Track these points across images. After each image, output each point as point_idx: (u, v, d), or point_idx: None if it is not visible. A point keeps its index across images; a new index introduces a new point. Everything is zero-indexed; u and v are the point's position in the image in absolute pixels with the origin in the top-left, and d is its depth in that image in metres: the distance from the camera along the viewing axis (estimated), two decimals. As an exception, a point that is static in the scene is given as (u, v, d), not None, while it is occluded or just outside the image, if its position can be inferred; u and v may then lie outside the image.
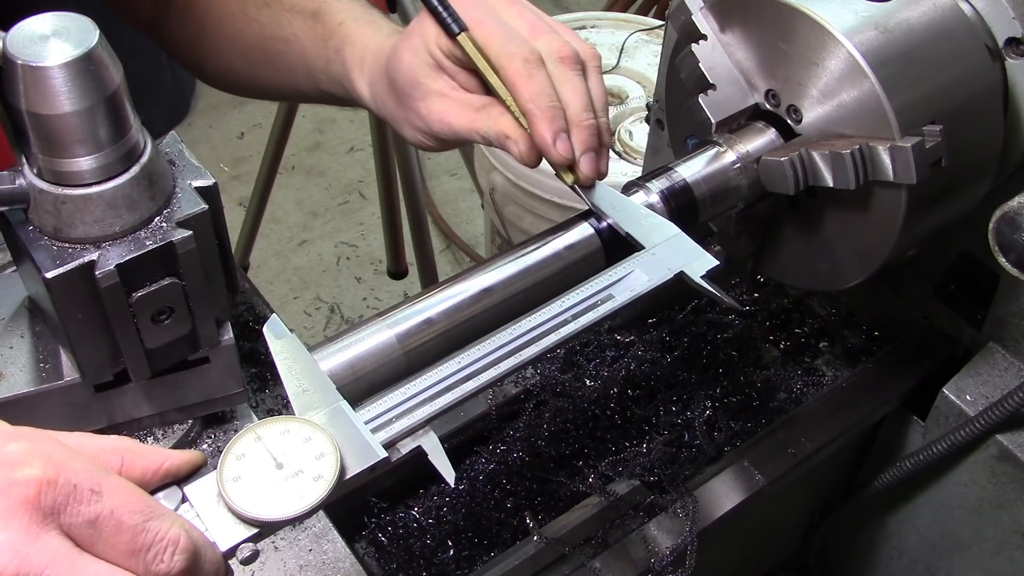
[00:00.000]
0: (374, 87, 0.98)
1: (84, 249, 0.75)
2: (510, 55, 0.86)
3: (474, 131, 0.90)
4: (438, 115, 0.91)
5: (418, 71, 0.92)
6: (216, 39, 1.13)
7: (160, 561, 0.57)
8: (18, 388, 0.85)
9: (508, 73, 0.86)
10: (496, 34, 0.88)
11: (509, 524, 1.02)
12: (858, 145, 0.84)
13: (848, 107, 0.86)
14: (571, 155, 0.86)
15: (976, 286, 1.12)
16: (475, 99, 0.90)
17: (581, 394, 1.10)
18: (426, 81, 0.92)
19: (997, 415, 1.03)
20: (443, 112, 0.91)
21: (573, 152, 0.86)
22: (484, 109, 0.89)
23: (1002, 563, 1.16)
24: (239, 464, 0.64)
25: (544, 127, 0.85)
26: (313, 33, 1.03)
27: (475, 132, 0.90)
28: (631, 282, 0.81)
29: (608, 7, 2.91)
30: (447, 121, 0.91)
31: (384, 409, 0.71)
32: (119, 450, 0.62)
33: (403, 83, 0.93)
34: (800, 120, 0.90)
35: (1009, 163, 0.95)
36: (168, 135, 0.84)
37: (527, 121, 0.86)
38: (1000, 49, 0.91)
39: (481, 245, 2.89)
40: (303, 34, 1.04)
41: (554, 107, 0.85)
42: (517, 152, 0.88)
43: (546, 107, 0.85)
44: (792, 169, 0.87)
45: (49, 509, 0.55)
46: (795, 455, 1.06)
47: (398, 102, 0.95)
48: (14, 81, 0.70)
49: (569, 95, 0.86)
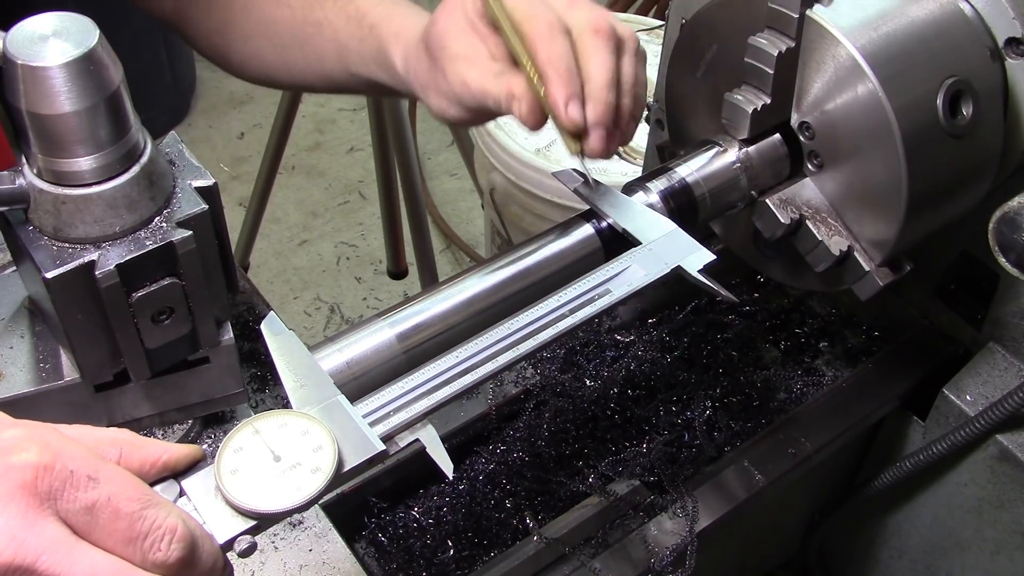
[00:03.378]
0: (407, 56, 0.98)
1: (84, 249, 0.75)
2: (534, 16, 0.85)
3: (485, 92, 0.88)
4: (460, 76, 0.90)
5: (450, 32, 0.91)
6: (244, 26, 1.13)
7: (157, 549, 0.57)
8: (18, 388, 0.85)
9: (530, 34, 0.85)
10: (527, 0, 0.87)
11: (509, 524, 1.02)
12: (848, 245, 0.91)
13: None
14: (581, 121, 0.84)
15: (976, 286, 1.12)
16: (497, 66, 0.89)
17: (581, 394, 1.10)
18: (454, 43, 0.91)
19: (997, 415, 1.03)
20: (464, 73, 0.90)
21: (584, 120, 0.84)
22: (502, 75, 0.88)
23: (1002, 563, 1.16)
24: (237, 457, 0.64)
25: (558, 88, 0.83)
26: (346, 13, 1.04)
27: (487, 94, 0.88)
28: (628, 277, 0.81)
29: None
30: (465, 81, 0.90)
31: (382, 403, 0.71)
32: (118, 442, 0.62)
33: (435, 46, 0.92)
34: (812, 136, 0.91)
35: (1009, 163, 0.95)
36: (168, 135, 0.84)
37: (543, 82, 0.84)
38: (1000, 49, 0.91)
39: (481, 245, 2.89)
40: (335, 16, 1.05)
41: (571, 71, 0.84)
42: (519, 112, 0.86)
43: (563, 70, 0.83)
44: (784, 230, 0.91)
45: (46, 495, 0.55)
46: (795, 455, 1.06)
47: (429, 67, 0.94)
48: (14, 81, 0.70)
49: (595, 67, 0.84)
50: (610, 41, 0.86)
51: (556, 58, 0.84)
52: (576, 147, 0.86)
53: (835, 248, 0.91)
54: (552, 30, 0.85)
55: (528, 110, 0.86)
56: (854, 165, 0.89)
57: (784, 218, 0.91)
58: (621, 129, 0.87)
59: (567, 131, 0.86)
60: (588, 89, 0.84)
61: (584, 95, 0.84)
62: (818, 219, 0.92)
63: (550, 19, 0.85)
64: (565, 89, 0.83)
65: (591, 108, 0.84)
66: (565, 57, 0.84)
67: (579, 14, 0.87)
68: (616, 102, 0.85)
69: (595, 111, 0.84)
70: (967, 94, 0.87)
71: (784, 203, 0.92)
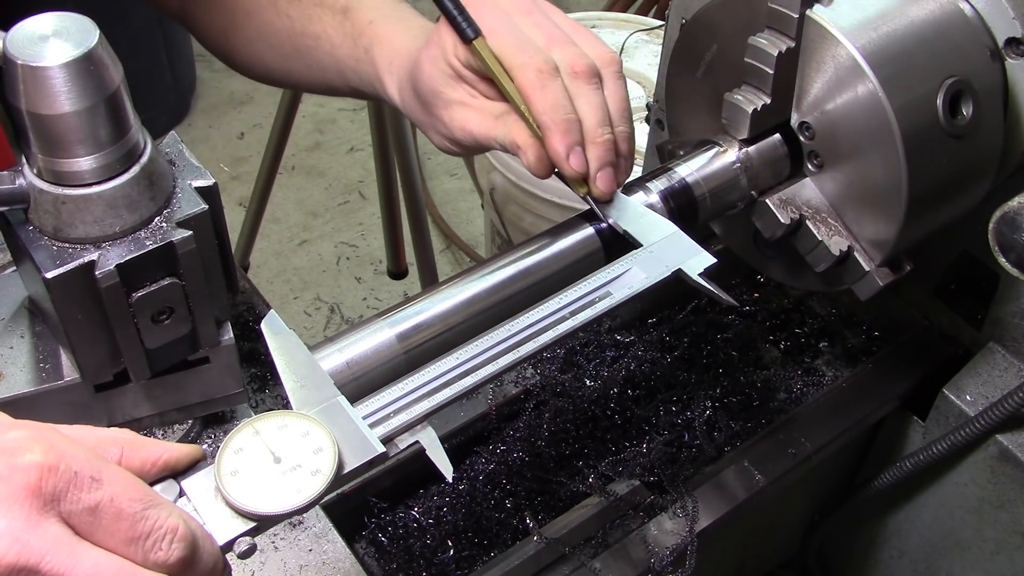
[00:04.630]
0: (403, 92, 0.98)
1: (84, 249, 0.75)
2: (523, 65, 0.86)
3: (492, 139, 0.90)
4: (459, 123, 0.91)
5: (438, 80, 0.92)
6: (246, 30, 1.12)
7: (158, 549, 0.58)
8: (18, 388, 0.85)
9: (521, 84, 0.86)
10: (511, 43, 0.87)
11: (509, 524, 1.02)
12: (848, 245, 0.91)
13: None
14: (585, 169, 0.86)
15: (976, 286, 1.12)
16: (495, 107, 0.90)
17: (581, 394, 1.10)
18: (446, 90, 0.92)
19: (997, 415, 1.03)
20: (464, 120, 0.91)
21: (587, 166, 0.86)
22: (502, 117, 0.89)
23: (1002, 563, 1.16)
24: (237, 458, 0.64)
25: (557, 141, 0.84)
26: (343, 30, 1.03)
27: (493, 140, 0.90)
28: (629, 279, 0.81)
29: (608, 7, 2.91)
30: (468, 129, 0.91)
31: (382, 404, 0.71)
32: (118, 441, 0.62)
33: (425, 92, 0.93)
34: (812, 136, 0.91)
35: (1009, 163, 0.95)
36: (168, 135, 0.84)
37: (541, 133, 0.85)
38: (1000, 49, 0.91)
39: (481, 245, 2.89)
40: (333, 31, 1.04)
41: (568, 119, 0.85)
42: (526, 162, 0.87)
43: (560, 120, 0.84)
44: (784, 230, 0.91)
45: (50, 496, 0.55)
46: (795, 455, 1.06)
47: (423, 109, 0.95)
48: (14, 81, 0.70)
49: (585, 110, 0.85)
50: (592, 79, 0.86)
51: (551, 108, 0.84)
52: (584, 190, 0.87)
53: (835, 248, 0.91)
54: (542, 76, 0.85)
55: (535, 159, 0.87)
56: (854, 165, 0.89)
57: (784, 218, 0.91)
58: (623, 156, 0.88)
59: (572, 180, 0.87)
60: (583, 130, 0.85)
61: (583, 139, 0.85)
62: (818, 219, 0.92)
63: (538, 64, 0.85)
64: (564, 140, 0.84)
65: (592, 152, 0.85)
66: (560, 106, 0.85)
67: (559, 54, 0.87)
68: (611, 136, 0.86)
69: (595, 154, 0.85)
70: (967, 94, 0.87)
71: (784, 203, 0.92)
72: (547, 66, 0.86)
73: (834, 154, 0.90)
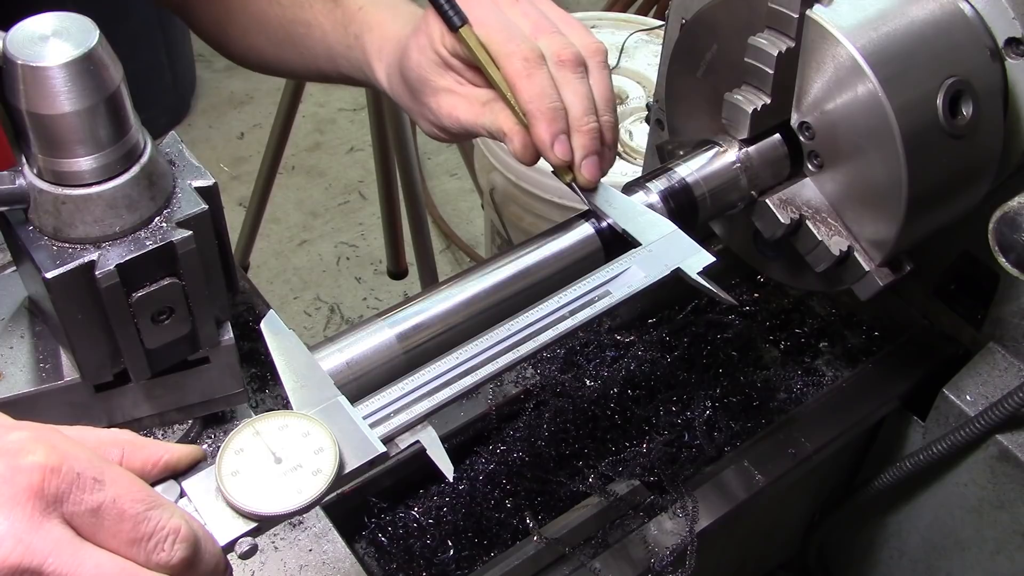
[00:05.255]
0: (391, 78, 0.99)
1: (84, 249, 0.75)
2: (509, 54, 0.87)
3: (479, 126, 0.91)
4: (447, 110, 0.93)
5: (426, 68, 0.93)
6: (241, 20, 1.14)
7: (161, 550, 0.58)
8: (18, 388, 0.85)
9: (508, 72, 0.87)
10: (497, 31, 0.88)
11: (509, 524, 1.02)
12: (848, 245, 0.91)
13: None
14: (570, 157, 0.87)
15: (976, 286, 1.12)
16: (482, 93, 0.91)
17: (581, 394, 1.10)
18: (434, 78, 0.93)
19: (997, 415, 1.03)
20: (451, 107, 0.92)
21: (572, 154, 0.87)
22: (489, 104, 0.90)
23: (1002, 563, 1.16)
24: (237, 459, 0.64)
25: (543, 129, 0.86)
26: (333, 18, 1.04)
27: (480, 127, 0.91)
28: (628, 278, 0.81)
29: (608, 7, 2.91)
30: (455, 116, 0.92)
31: (382, 404, 0.71)
32: (119, 442, 0.62)
33: (413, 80, 0.94)
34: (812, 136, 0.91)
35: (1009, 163, 0.95)
36: (168, 135, 0.84)
37: (527, 121, 0.87)
38: (1000, 49, 0.91)
39: (481, 245, 2.89)
40: (324, 18, 1.05)
41: (554, 108, 0.86)
42: (512, 149, 0.89)
43: (546, 108, 0.85)
44: (784, 230, 0.92)
45: (52, 497, 0.55)
46: (795, 455, 1.06)
47: (411, 96, 0.97)
48: (14, 81, 0.70)
49: (570, 98, 0.87)
50: (577, 68, 0.88)
51: (537, 97, 0.85)
52: (568, 177, 0.88)
53: (835, 248, 0.91)
54: (528, 65, 0.86)
55: (521, 147, 0.88)
56: (854, 165, 0.89)
57: (784, 218, 0.91)
58: (607, 146, 0.89)
59: (557, 167, 0.88)
60: (569, 119, 0.86)
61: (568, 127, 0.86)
62: (818, 219, 0.92)
63: (524, 53, 0.86)
64: (550, 128, 0.85)
65: (577, 140, 0.86)
66: (546, 95, 0.86)
67: (545, 42, 0.88)
68: (597, 125, 0.87)
69: (580, 142, 0.86)
70: (967, 94, 0.87)
71: (784, 203, 0.92)
72: (533, 54, 0.87)
73: (834, 154, 0.90)
